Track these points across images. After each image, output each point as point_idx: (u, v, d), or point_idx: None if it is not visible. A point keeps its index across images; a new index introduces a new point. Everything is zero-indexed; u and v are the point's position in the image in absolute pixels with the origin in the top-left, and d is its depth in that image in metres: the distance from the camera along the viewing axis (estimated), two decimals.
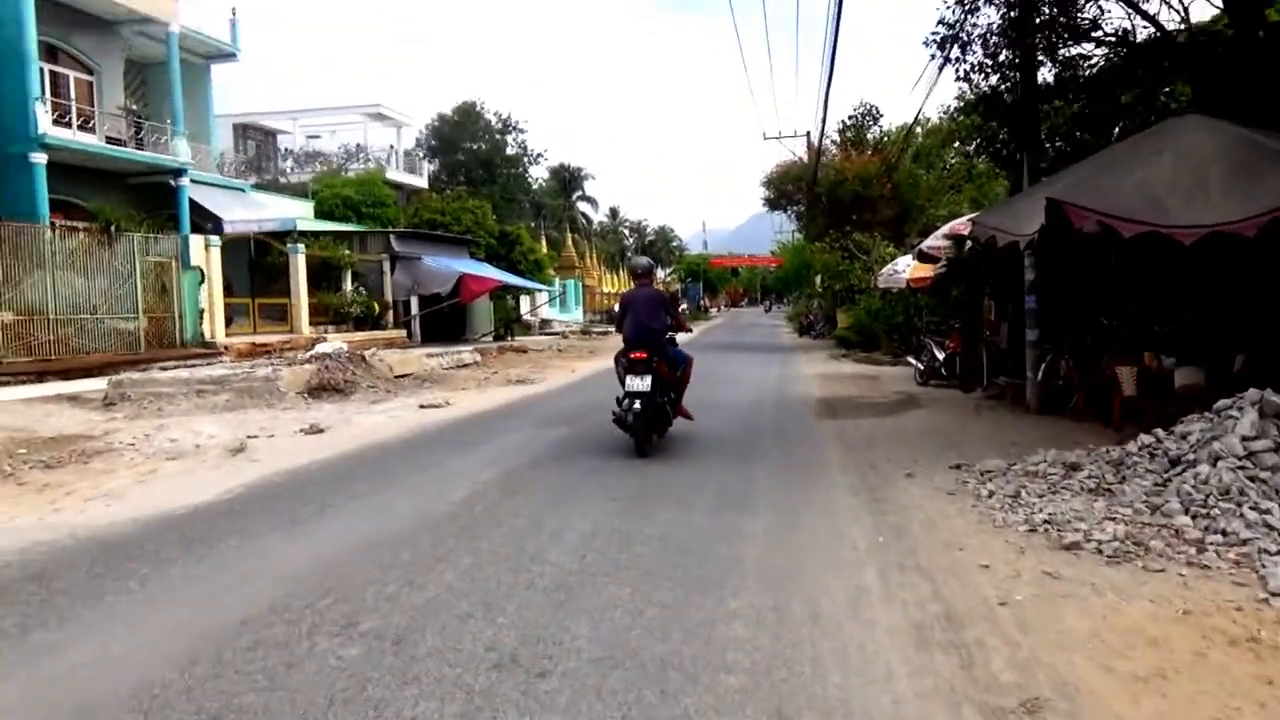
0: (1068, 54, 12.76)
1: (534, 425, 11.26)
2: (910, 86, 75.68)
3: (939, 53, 13.80)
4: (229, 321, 23.69)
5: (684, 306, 12.51)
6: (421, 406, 13.43)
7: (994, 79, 12.54)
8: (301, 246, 25.69)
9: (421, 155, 56.25)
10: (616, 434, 9.39)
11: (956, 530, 6.02)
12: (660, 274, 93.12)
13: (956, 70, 13.12)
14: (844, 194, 25.41)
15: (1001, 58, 12.35)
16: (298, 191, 37.44)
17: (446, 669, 3.75)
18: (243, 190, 31.05)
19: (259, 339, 23.50)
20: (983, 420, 11.56)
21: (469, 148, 56.97)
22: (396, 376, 16.74)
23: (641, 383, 8.86)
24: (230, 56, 31.04)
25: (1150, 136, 9.14)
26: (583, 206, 74.86)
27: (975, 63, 12.44)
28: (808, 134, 29.96)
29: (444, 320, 32.22)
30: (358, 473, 8.27)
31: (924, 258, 14.37)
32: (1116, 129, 13.41)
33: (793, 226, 31.79)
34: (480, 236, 35.29)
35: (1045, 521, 5.98)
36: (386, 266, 29.35)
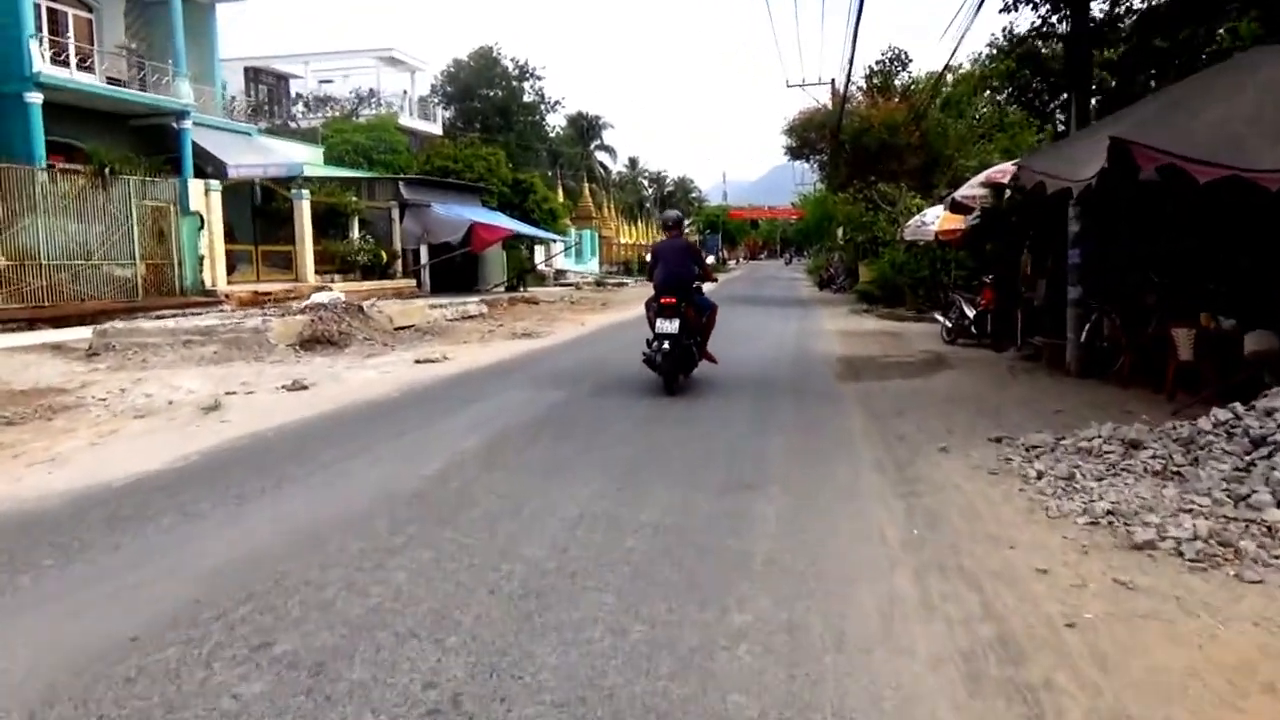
0: None
1: (532, 384, 10.40)
2: (941, 32, 73.27)
3: None
4: (231, 269, 22.91)
5: (710, 259, 12.82)
6: (417, 361, 12.60)
7: (1044, 8, 11.31)
8: (306, 193, 24.79)
9: (437, 101, 55.04)
10: (616, 397, 8.58)
11: (1004, 520, 5.13)
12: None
13: None
14: (869, 142, 24.16)
15: None
16: (308, 137, 36.48)
17: (368, 716, 2.92)
18: (249, 134, 30.08)
19: (262, 287, 22.74)
20: (1020, 384, 10.61)
21: (485, 94, 55.65)
22: (396, 329, 15.92)
23: (670, 325, 9.57)
24: None
25: (1226, 70, 8.04)
26: (601, 156, 73.39)
27: None
28: (832, 81, 28.64)
29: (455, 270, 31.36)
30: (331, 436, 7.46)
31: (956, 208, 13.30)
32: (1171, 69, 12.20)
33: (815, 177, 30.47)
34: (493, 185, 34.27)
35: (1108, 512, 5.07)
36: (395, 214, 28.45)
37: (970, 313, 14.86)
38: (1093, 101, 13.93)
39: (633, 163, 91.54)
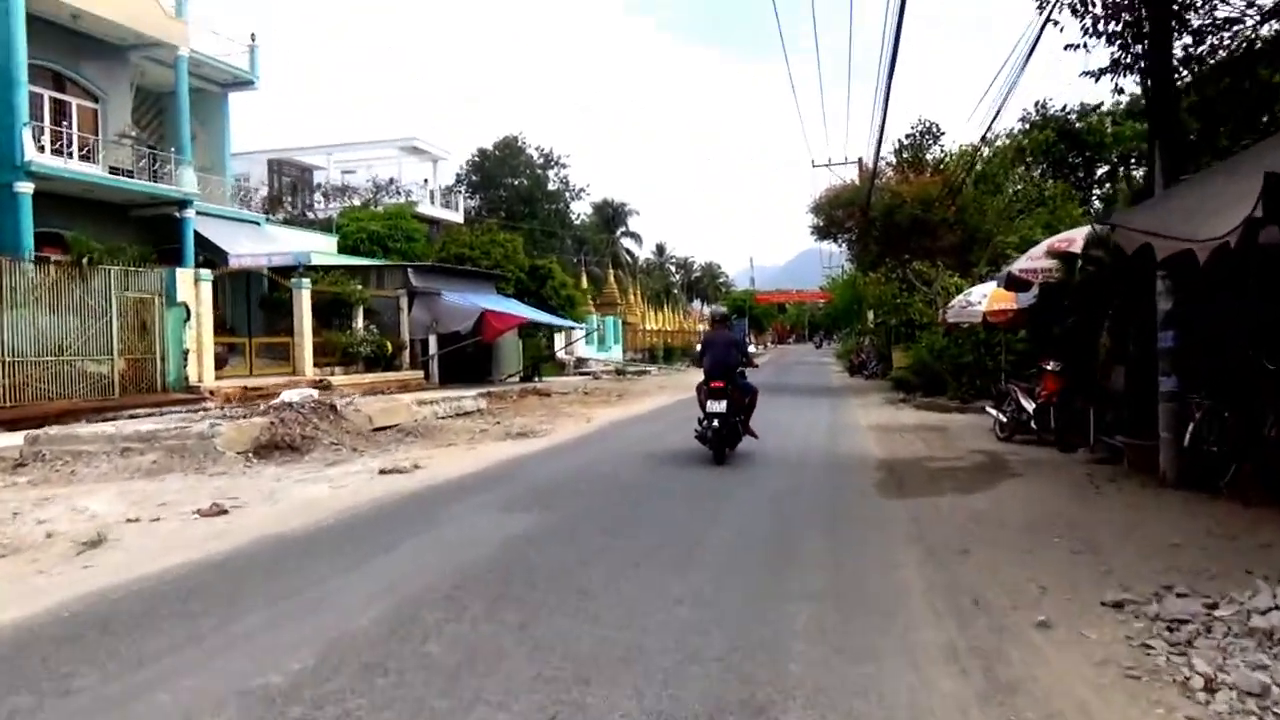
0: (1205, 21, 9.60)
1: (501, 506, 8.31)
2: (974, 106, 71.00)
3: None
4: (222, 363, 21.25)
5: (757, 348, 13.40)
6: (382, 472, 10.58)
7: (1118, 42, 9.35)
8: (307, 281, 23.27)
9: (462, 190, 54.43)
10: (596, 522, 6.48)
11: None
12: (701, 308, 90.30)
13: (1081, 17, 9.67)
14: (901, 218, 22.32)
15: (1124, 21, 9.16)
16: (326, 227, 35.41)
17: None
18: (258, 224, 28.93)
19: (255, 382, 21.03)
20: (1108, 499, 8.37)
21: (510, 183, 54.97)
22: (376, 429, 13.97)
23: (719, 405, 10.83)
24: (248, 84, 29.06)
25: None
26: (626, 243, 72.36)
27: (1093, 23, 9.26)
28: (859, 160, 26.95)
29: (467, 360, 29.64)
30: (190, 601, 5.38)
31: (1012, 284, 11.25)
32: (1265, 116, 10.17)
33: (844, 257, 28.68)
34: (509, 271, 32.76)
35: None
36: (404, 303, 26.87)
37: (1028, 406, 12.65)
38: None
39: (660, 249, 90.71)
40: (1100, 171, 33.45)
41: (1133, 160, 35.65)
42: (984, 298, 14.36)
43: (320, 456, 11.83)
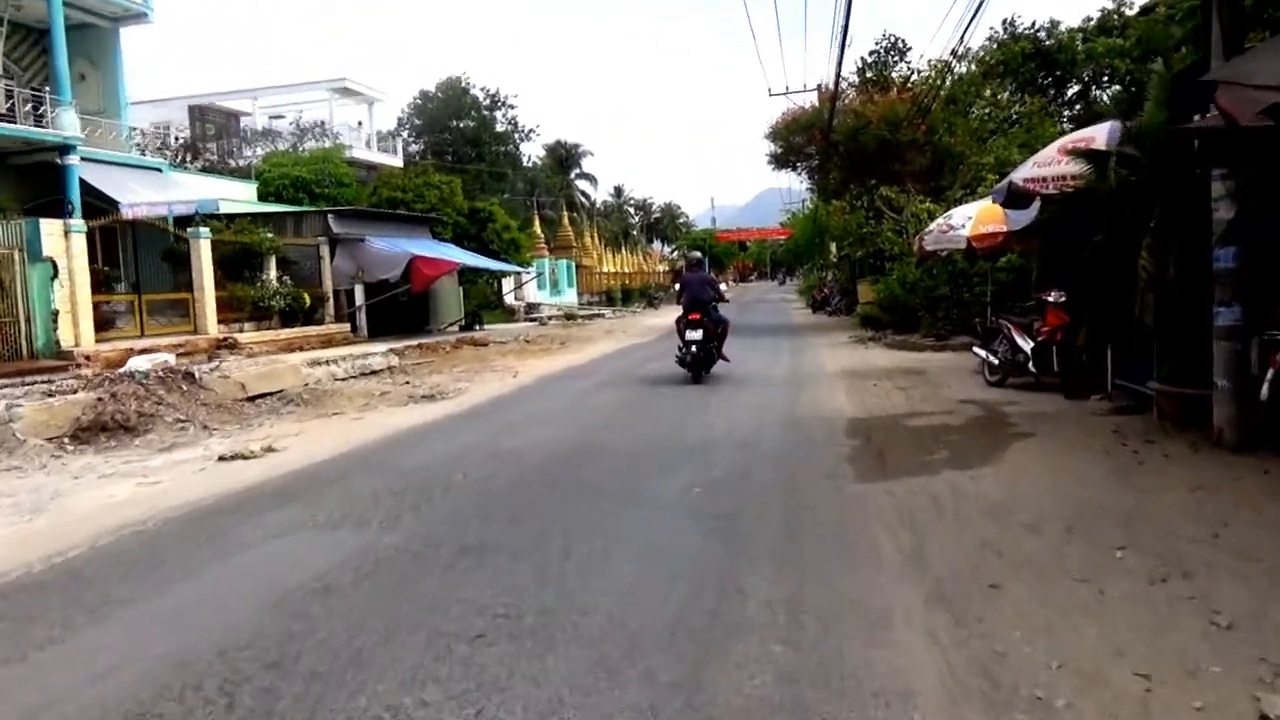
0: None
1: (335, 515, 5.87)
2: (939, 22, 67.83)
3: None
4: (107, 324, 18.50)
5: (724, 286, 16.12)
6: (221, 458, 8.13)
7: None
8: (206, 230, 20.41)
9: (406, 135, 51.15)
10: (462, 542, 4.10)
11: None
12: (661, 249, 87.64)
13: None
14: (867, 140, 19.83)
15: None
16: (247, 175, 32.29)
17: None
18: (159, 170, 25.81)
19: (146, 343, 18.28)
20: (1159, 473, 6.11)
21: (455, 126, 51.57)
22: (249, 398, 11.46)
23: (697, 334, 12.39)
24: (141, 16, 25.66)
25: None
26: (582, 185, 69.20)
27: None
28: (819, 86, 24.26)
29: (401, 310, 26.95)
30: None
31: (1012, 199, 8.89)
32: None
33: (804, 189, 26.18)
34: (446, 215, 29.93)
35: None
36: (324, 251, 24.05)
37: (1025, 344, 10.40)
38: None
39: (618, 191, 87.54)
40: (1071, 91, 31.15)
41: (1105, 78, 33.42)
42: (968, 220, 12.03)
43: (159, 438, 9.33)
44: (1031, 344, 10.26)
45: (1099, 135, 8.15)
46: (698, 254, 15.44)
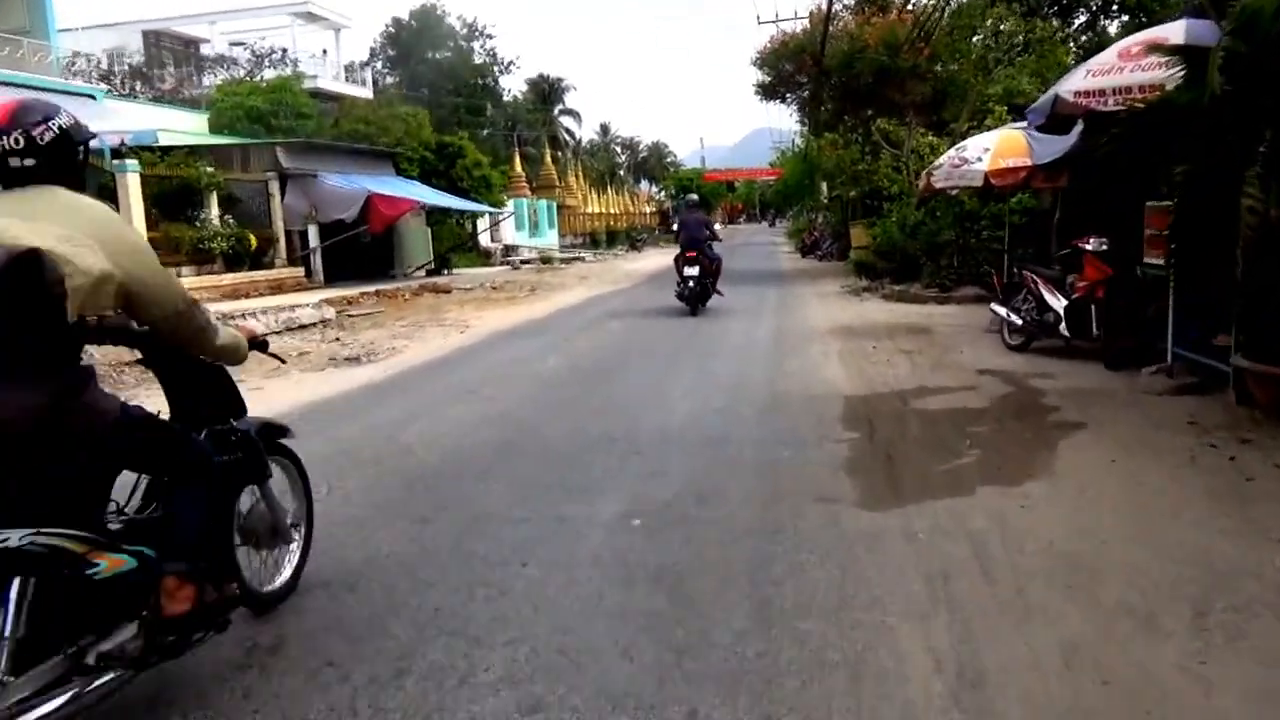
0: None
1: None
2: None
3: None
4: None
5: (718, 226, 17.89)
6: None
7: None
8: (134, 163, 18.25)
9: (379, 66, 48.39)
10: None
11: None
12: (649, 189, 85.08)
13: None
14: (863, 67, 17.65)
15: None
16: (200, 105, 29.88)
17: None
18: (94, 98, 23.43)
19: None
20: None
21: (430, 57, 48.77)
22: (123, 364, 9.56)
23: (693, 270, 13.47)
24: None
25: None
26: (566, 122, 66.37)
27: None
28: (810, 13, 21.89)
29: (364, 253, 24.90)
30: None
31: (1054, 122, 6.97)
32: None
33: (794, 120, 23.96)
34: (412, 149, 27.67)
35: None
36: (274, 188, 21.89)
37: (1056, 302, 8.56)
38: None
39: (604, 129, 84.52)
40: (1079, 21, 28.84)
41: (1115, 6, 31.04)
42: (984, 153, 10.06)
43: None
44: (1065, 302, 8.42)
45: (1172, 34, 6.21)
46: (694, 197, 16.83)
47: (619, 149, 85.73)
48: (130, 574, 2.35)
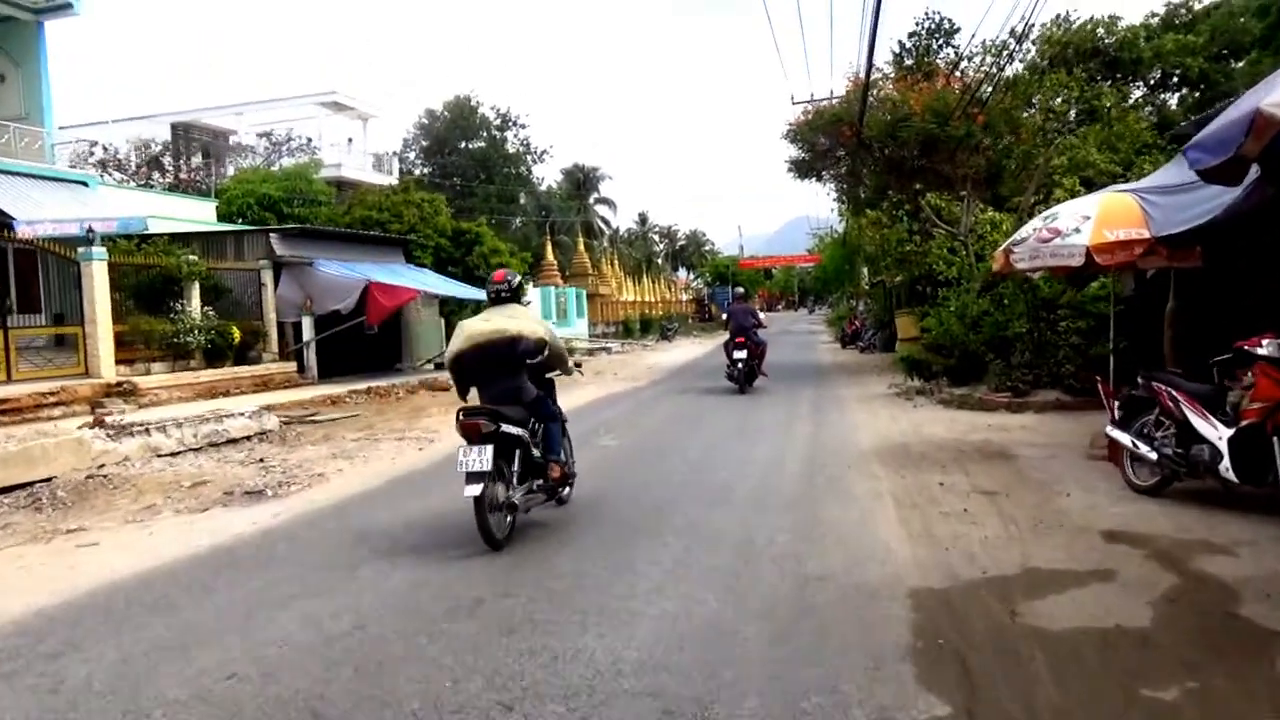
0: None
1: None
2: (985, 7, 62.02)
3: None
4: None
5: (765, 314, 19.42)
6: None
7: None
8: (100, 251, 16.35)
9: (413, 157, 47.54)
10: None
11: None
12: (687, 277, 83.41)
13: None
14: (908, 136, 15.28)
15: None
16: (214, 193, 28.49)
17: None
18: (86, 185, 21.91)
19: (9, 391, 14.25)
20: None
21: (463, 147, 47.81)
22: None
23: (741, 354, 14.73)
24: (66, 8, 21.90)
25: None
26: (601, 210, 65.03)
27: None
28: (847, 82, 19.68)
29: (370, 346, 22.80)
30: None
31: (1224, 169, 4.46)
32: None
33: (831, 198, 21.50)
34: (426, 236, 25.80)
35: None
36: (266, 277, 19.95)
37: (1214, 431, 5.81)
38: None
39: (642, 218, 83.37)
40: (1136, 95, 26.47)
41: (1175, 78, 28.64)
42: (1085, 222, 7.44)
43: None
44: (1228, 431, 5.67)
45: None
46: (740, 290, 18.48)
47: (657, 238, 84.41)
48: (539, 457, 5.99)
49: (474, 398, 6.07)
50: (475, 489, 5.20)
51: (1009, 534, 5.52)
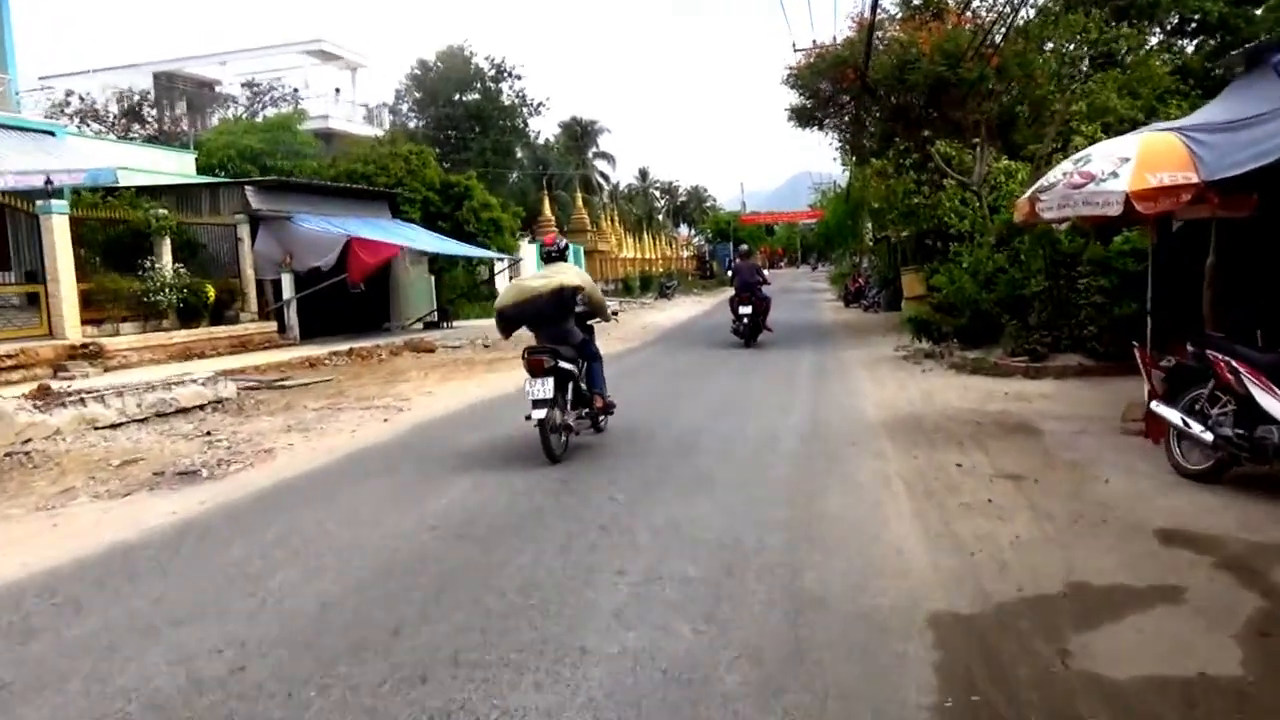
0: None
1: None
2: None
3: None
4: None
5: (767, 270, 19.50)
6: None
7: None
8: (61, 204, 15.38)
9: (405, 109, 46.11)
10: None
11: None
12: (688, 234, 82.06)
13: None
14: (917, 80, 14.14)
15: None
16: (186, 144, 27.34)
17: None
18: (53, 134, 20.80)
19: None
20: None
21: (457, 99, 46.23)
22: None
23: (746, 309, 15.01)
24: None
25: None
26: (600, 165, 63.47)
27: None
28: (851, 33, 18.27)
29: (356, 304, 21.88)
30: None
31: None
32: None
33: (834, 147, 20.28)
34: (414, 190, 24.69)
35: None
36: (243, 232, 18.93)
37: None
38: None
39: (643, 174, 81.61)
40: (1153, 42, 25.09)
41: (1193, 24, 27.22)
42: (1122, 165, 6.43)
43: None
44: None
45: None
46: (745, 247, 19.32)
47: (658, 193, 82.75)
48: (585, 389, 7.20)
49: (520, 340, 7.44)
50: (540, 413, 6.41)
51: (1044, 533, 4.62)
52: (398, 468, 6.85)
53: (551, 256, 7.50)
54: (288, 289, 19.47)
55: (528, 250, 34.83)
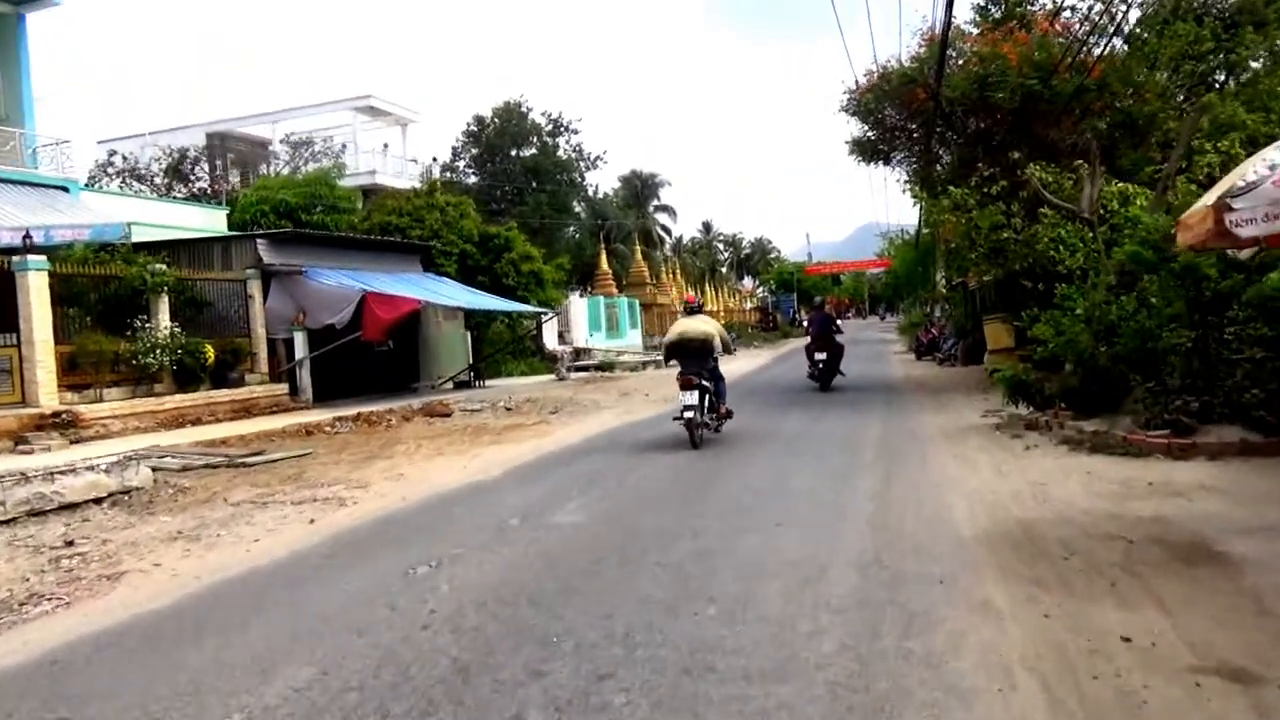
0: None
1: None
2: None
3: None
4: None
5: (839, 321, 18.47)
6: None
7: None
8: (36, 259, 13.85)
9: (462, 165, 45.23)
10: None
11: None
12: (749, 285, 79.76)
13: None
14: (1002, 96, 11.64)
15: None
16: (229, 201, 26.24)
17: None
18: (67, 190, 19.64)
19: None
20: None
21: (514, 154, 45.19)
22: None
23: (822, 355, 16.09)
24: None
25: None
26: (661, 218, 61.73)
27: None
28: (920, 50, 15.81)
29: (382, 363, 20.09)
30: None
31: None
32: None
33: (900, 184, 17.62)
34: (450, 243, 22.96)
35: None
36: (254, 288, 17.29)
37: None
38: None
39: (706, 227, 79.89)
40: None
41: None
42: None
43: None
44: None
45: None
46: (819, 299, 23.15)
47: (721, 246, 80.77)
48: (714, 401, 10.26)
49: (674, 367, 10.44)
50: (690, 415, 9.45)
51: None
52: (249, 623, 4.55)
53: (691, 310, 11.06)
54: (300, 348, 17.67)
55: (578, 304, 32.96)
